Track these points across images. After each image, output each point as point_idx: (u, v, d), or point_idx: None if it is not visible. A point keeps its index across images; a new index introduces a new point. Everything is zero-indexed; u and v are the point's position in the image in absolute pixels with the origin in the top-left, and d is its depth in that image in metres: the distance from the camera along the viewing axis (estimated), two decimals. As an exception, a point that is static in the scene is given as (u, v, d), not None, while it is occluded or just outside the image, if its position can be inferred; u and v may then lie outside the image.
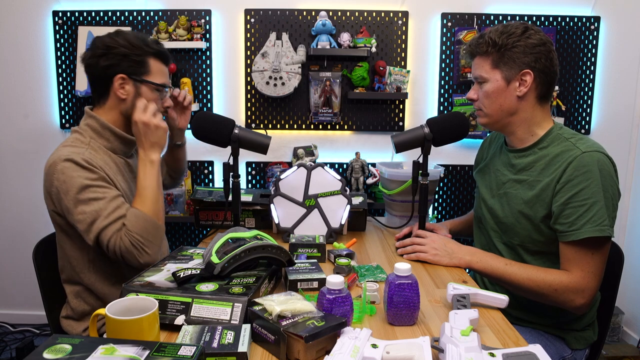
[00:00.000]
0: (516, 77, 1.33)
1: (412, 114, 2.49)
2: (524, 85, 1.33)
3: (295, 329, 0.88)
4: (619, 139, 2.51)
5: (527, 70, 1.31)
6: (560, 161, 1.30)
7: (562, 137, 1.35)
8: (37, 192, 2.55)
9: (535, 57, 1.31)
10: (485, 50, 1.35)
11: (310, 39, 2.38)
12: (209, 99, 2.45)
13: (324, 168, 1.65)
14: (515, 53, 1.31)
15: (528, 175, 1.38)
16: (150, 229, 1.31)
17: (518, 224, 1.39)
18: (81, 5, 2.40)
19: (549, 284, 1.28)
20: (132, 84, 1.39)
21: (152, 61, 1.41)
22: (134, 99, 1.39)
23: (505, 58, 1.33)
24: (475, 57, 1.40)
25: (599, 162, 1.25)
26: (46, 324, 2.55)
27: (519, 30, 1.32)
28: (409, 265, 1.05)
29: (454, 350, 0.85)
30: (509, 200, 1.43)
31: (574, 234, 1.25)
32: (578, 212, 1.25)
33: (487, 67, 1.36)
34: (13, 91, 2.48)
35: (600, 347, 1.47)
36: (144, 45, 1.39)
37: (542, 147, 1.37)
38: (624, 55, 2.45)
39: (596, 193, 1.24)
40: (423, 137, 1.52)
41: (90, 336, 0.88)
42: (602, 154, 1.28)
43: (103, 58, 1.37)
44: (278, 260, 1.18)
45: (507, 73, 1.33)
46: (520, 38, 1.31)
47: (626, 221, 2.57)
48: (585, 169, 1.25)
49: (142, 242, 1.29)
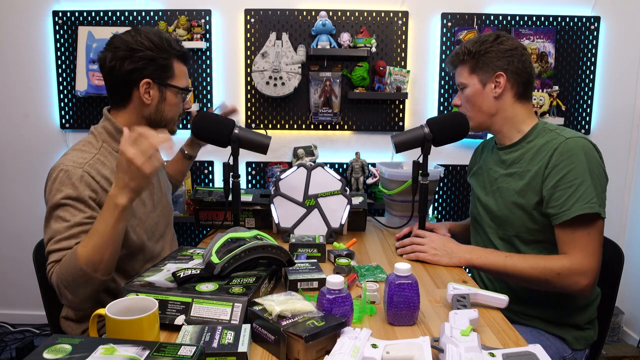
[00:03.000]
0: (491, 80, 1.45)
1: (412, 114, 2.49)
2: (499, 86, 1.44)
3: (295, 329, 0.88)
4: (619, 139, 2.51)
5: (500, 72, 1.43)
6: (547, 149, 1.37)
7: (546, 129, 1.43)
8: (37, 192, 2.55)
9: (508, 60, 1.43)
10: (463, 59, 1.48)
11: (310, 39, 2.38)
12: (209, 99, 2.45)
13: (324, 168, 1.65)
14: (488, 58, 1.44)
15: (518, 167, 1.44)
16: (76, 276, 1.12)
17: (512, 215, 1.43)
18: (81, 5, 2.40)
19: (551, 269, 1.30)
20: (157, 88, 1.34)
21: (176, 63, 1.37)
22: (159, 104, 1.36)
23: (480, 63, 1.45)
24: (457, 67, 1.53)
25: (583, 147, 1.32)
26: (46, 324, 2.55)
27: (492, 37, 1.45)
28: (409, 265, 1.05)
29: (454, 350, 0.85)
30: (502, 194, 1.47)
31: (565, 214, 1.29)
32: (567, 193, 1.30)
33: (465, 73, 1.49)
34: (13, 91, 2.48)
35: (600, 347, 1.47)
36: (169, 47, 1.34)
37: (529, 140, 1.44)
38: (624, 55, 2.45)
39: (582, 174, 1.30)
40: (423, 137, 1.52)
41: (90, 336, 0.88)
42: (586, 140, 1.35)
43: (127, 61, 1.30)
44: (278, 260, 1.18)
45: (482, 77, 1.46)
46: (493, 44, 1.44)
47: (626, 221, 2.57)
48: (570, 153, 1.32)
49: (64, 284, 1.14)
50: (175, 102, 1.39)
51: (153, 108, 1.37)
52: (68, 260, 1.14)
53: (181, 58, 1.39)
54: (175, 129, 1.47)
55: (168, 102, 1.38)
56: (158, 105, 1.37)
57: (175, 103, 1.39)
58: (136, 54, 1.30)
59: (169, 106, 1.39)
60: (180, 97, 1.41)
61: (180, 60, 1.39)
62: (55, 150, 2.50)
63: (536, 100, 2.35)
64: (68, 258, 1.14)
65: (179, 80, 1.38)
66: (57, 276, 1.16)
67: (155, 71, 1.32)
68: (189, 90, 1.43)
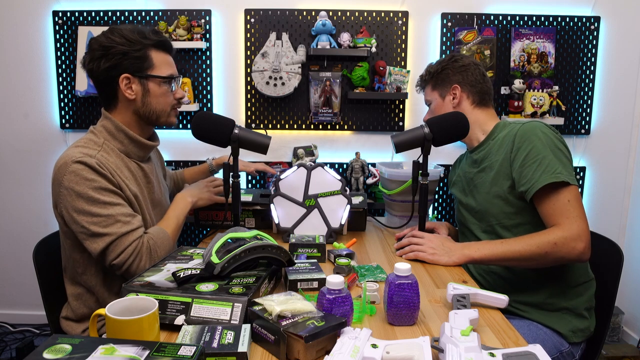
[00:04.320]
0: (449, 92, 1.66)
1: (412, 114, 2.49)
2: (456, 97, 1.64)
3: (295, 329, 0.88)
4: (619, 140, 2.51)
5: (455, 85, 1.64)
6: (508, 138, 1.50)
7: (507, 124, 1.58)
8: (37, 192, 2.56)
9: (462, 75, 1.64)
10: (426, 79, 1.73)
11: (310, 39, 2.38)
12: (209, 99, 2.45)
13: (324, 168, 1.65)
14: (445, 75, 1.66)
15: (487, 161, 1.56)
16: (167, 249, 1.36)
17: (490, 205, 1.53)
18: (81, 5, 2.40)
19: (547, 241, 1.35)
20: (138, 81, 1.34)
21: (153, 53, 1.35)
22: (144, 97, 1.36)
23: (439, 80, 1.68)
24: (424, 89, 1.77)
25: (538, 127, 1.46)
26: (46, 324, 2.55)
27: (447, 58, 1.68)
28: (409, 265, 1.05)
29: (454, 350, 0.85)
30: (478, 189, 1.59)
31: (534, 187, 1.38)
32: (532, 168, 1.40)
33: (429, 91, 1.72)
34: (13, 91, 2.48)
35: (600, 345, 1.47)
36: (141, 38, 1.33)
37: (493, 137, 1.59)
38: (624, 55, 2.45)
39: (542, 149, 1.41)
40: (423, 137, 1.53)
41: (90, 336, 0.88)
42: (540, 122, 1.49)
43: (103, 60, 1.31)
44: (278, 260, 1.18)
45: (441, 91, 1.68)
46: (448, 63, 1.66)
47: (626, 221, 2.57)
48: (527, 135, 1.45)
49: (155, 256, 1.32)
50: (160, 93, 1.37)
51: (139, 102, 1.36)
52: (162, 238, 1.36)
53: (159, 46, 1.36)
54: (170, 120, 1.45)
55: (152, 94, 1.36)
56: (143, 99, 1.35)
57: (160, 93, 1.37)
58: (109, 51, 1.30)
59: (155, 98, 1.37)
60: (166, 86, 1.38)
61: (160, 49, 1.37)
62: (55, 150, 2.50)
63: (536, 100, 2.35)
64: (161, 237, 1.36)
65: (159, 70, 1.36)
66: (149, 244, 1.32)
67: (131, 65, 1.32)
68: (172, 77, 1.40)
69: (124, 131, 1.37)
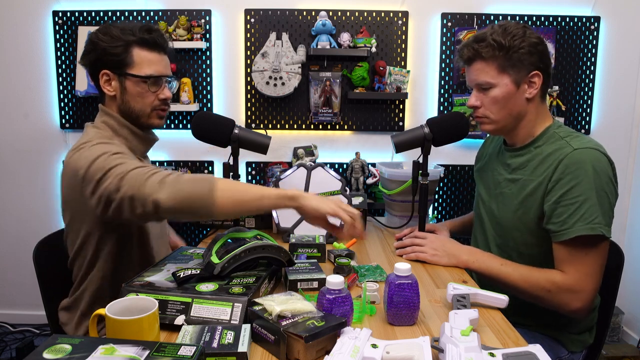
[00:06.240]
0: (525, 80, 1.30)
1: (412, 114, 2.49)
2: (534, 87, 1.30)
3: (295, 329, 0.88)
4: (619, 139, 2.51)
5: (537, 71, 1.29)
6: (552, 159, 1.28)
7: (557, 136, 1.34)
8: (38, 192, 2.56)
9: (539, 56, 1.29)
10: (492, 55, 1.28)
11: (310, 39, 2.38)
12: (209, 99, 2.45)
13: (324, 168, 1.65)
14: (522, 54, 1.27)
15: (521, 174, 1.37)
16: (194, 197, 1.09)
17: (514, 229, 1.39)
18: (81, 5, 2.40)
19: (542, 286, 1.26)
20: (117, 79, 1.30)
21: (136, 51, 1.29)
22: (122, 95, 1.31)
23: (512, 60, 1.27)
24: (475, 62, 1.32)
25: (592, 160, 1.23)
26: (46, 324, 2.54)
27: (520, 30, 1.28)
28: (409, 265, 1.05)
29: (454, 350, 0.85)
30: (504, 200, 1.42)
31: (565, 233, 1.23)
32: (569, 210, 1.22)
33: (492, 72, 1.30)
34: (13, 91, 2.48)
35: (600, 348, 1.47)
36: (127, 35, 1.28)
37: (537, 145, 1.36)
38: (624, 55, 2.45)
39: (587, 190, 1.20)
40: (423, 137, 1.52)
41: (90, 336, 0.88)
42: (598, 151, 1.25)
43: (90, 55, 1.30)
44: (278, 260, 1.18)
45: (516, 76, 1.29)
46: (524, 38, 1.27)
47: (626, 221, 2.57)
48: (576, 167, 1.23)
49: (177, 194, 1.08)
50: (138, 92, 1.31)
51: (119, 100, 1.32)
52: (200, 179, 1.10)
53: (143, 44, 1.30)
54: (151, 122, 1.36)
55: (129, 93, 1.31)
56: (122, 96, 1.31)
57: (137, 93, 1.31)
58: (95, 46, 1.29)
59: (132, 97, 1.31)
60: (144, 86, 1.31)
61: (144, 47, 1.30)
62: (55, 150, 2.50)
63: (536, 100, 2.35)
64: (201, 178, 1.11)
65: (139, 69, 1.30)
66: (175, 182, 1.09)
67: (110, 61, 1.28)
68: (150, 77, 1.31)
69: (127, 126, 1.34)
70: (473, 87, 1.37)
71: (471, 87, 1.38)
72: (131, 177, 1.11)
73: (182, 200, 1.08)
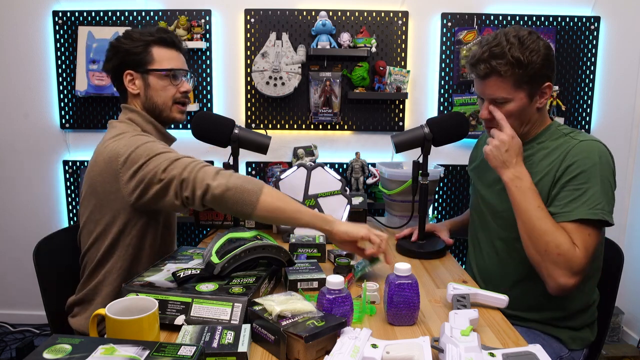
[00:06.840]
0: (539, 91, 1.30)
1: (412, 114, 2.49)
2: (545, 97, 1.32)
3: (295, 329, 0.88)
4: (619, 139, 2.51)
5: (549, 83, 1.30)
6: (559, 152, 1.31)
7: (560, 133, 1.37)
8: (38, 192, 2.56)
9: (550, 66, 1.29)
10: (511, 72, 1.26)
11: (310, 39, 2.38)
12: (209, 99, 2.45)
13: (324, 168, 1.66)
14: (536, 69, 1.26)
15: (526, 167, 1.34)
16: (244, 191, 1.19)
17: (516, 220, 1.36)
18: (81, 5, 2.40)
19: (557, 244, 1.21)
20: (140, 77, 1.40)
21: (155, 49, 1.40)
22: (146, 91, 1.40)
23: (529, 76, 1.27)
24: (491, 78, 1.29)
25: (598, 151, 1.27)
26: (46, 324, 2.55)
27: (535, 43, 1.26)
28: (409, 266, 1.06)
29: (454, 350, 0.85)
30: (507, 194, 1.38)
31: (564, 215, 1.24)
32: (573, 195, 1.24)
33: (508, 87, 1.28)
34: (13, 91, 2.48)
35: (600, 347, 1.47)
36: (145, 36, 1.40)
37: (540, 141, 1.38)
38: (624, 55, 2.45)
39: (592, 178, 1.23)
40: (423, 137, 1.53)
41: (90, 336, 0.88)
42: (602, 144, 1.30)
43: (113, 60, 1.40)
44: (278, 260, 1.18)
45: (530, 90, 1.29)
46: (539, 52, 1.26)
47: (626, 221, 2.57)
48: (584, 154, 1.26)
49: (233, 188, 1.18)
50: (161, 86, 1.41)
51: (143, 97, 1.41)
52: (251, 179, 1.22)
53: (161, 42, 1.42)
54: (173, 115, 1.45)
55: (153, 87, 1.40)
56: (146, 93, 1.40)
57: (161, 87, 1.41)
58: (117, 50, 1.39)
59: (155, 91, 1.41)
60: (167, 80, 1.42)
61: (161, 45, 1.42)
62: (55, 150, 2.50)
63: (536, 100, 2.35)
64: (252, 178, 1.23)
65: (159, 64, 1.40)
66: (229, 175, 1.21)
67: (133, 61, 1.39)
68: (172, 70, 1.41)
69: (152, 122, 1.41)
70: (485, 99, 1.35)
71: (481, 97, 1.37)
72: (184, 162, 1.22)
73: (232, 191, 1.19)
